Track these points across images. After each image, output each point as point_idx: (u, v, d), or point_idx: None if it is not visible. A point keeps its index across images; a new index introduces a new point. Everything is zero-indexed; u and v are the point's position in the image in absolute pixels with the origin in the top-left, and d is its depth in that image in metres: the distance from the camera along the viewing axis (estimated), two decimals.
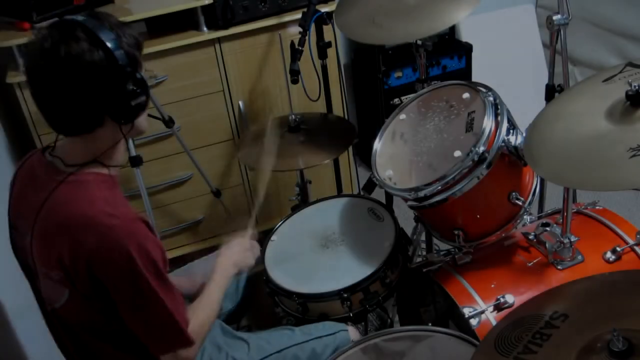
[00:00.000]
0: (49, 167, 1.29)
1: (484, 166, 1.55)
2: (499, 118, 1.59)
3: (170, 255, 2.70)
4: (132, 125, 1.28)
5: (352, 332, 1.63)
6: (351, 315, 1.67)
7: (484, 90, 1.67)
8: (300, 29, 2.11)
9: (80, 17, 1.20)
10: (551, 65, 1.77)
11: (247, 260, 1.60)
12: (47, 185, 1.26)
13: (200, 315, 1.37)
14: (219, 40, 2.45)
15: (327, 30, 2.28)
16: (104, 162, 1.29)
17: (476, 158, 1.54)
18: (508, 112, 1.62)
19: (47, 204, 1.25)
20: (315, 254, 1.81)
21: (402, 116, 1.83)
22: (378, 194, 2.01)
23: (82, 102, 1.20)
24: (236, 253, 1.58)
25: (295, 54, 2.05)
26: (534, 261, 1.67)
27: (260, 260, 1.85)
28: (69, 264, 1.21)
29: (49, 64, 1.17)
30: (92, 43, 1.17)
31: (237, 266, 1.57)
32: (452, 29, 3.18)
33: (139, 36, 1.27)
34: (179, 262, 1.72)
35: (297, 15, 2.42)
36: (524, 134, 1.43)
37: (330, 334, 1.60)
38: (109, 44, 1.18)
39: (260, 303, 1.94)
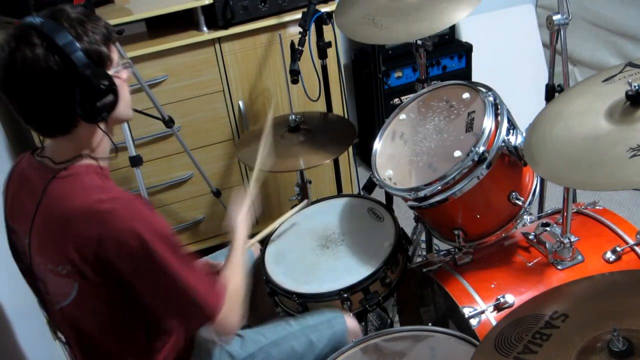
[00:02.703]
0: (40, 168, 1.29)
1: (484, 166, 1.55)
2: (499, 118, 1.59)
3: None
4: (107, 122, 1.27)
5: (349, 320, 1.62)
6: (351, 315, 1.67)
7: (484, 90, 1.67)
8: (300, 29, 2.11)
9: (37, 20, 1.17)
10: (551, 65, 1.77)
11: (251, 222, 1.61)
12: (40, 184, 1.26)
13: (233, 281, 1.37)
14: (219, 40, 2.45)
15: (327, 30, 2.28)
16: (91, 155, 1.29)
17: (476, 158, 1.54)
18: (508, 112, 1.62)
19: (42, 203, 1.25)
20: (315, 254, 1.81)
21: (402, 116, 1.83)
22: (378, 194, 2.01)
23: (47, 107, 1.19)
24: (245, 220, 1.57)
25: (295, 54, 2.05)
26: (534, 261, 1.67)
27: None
28: (75, 256, 1.21)
29: (6, 74, 1.16)
30: (47, 48, 1.14)
31: (248, 229, 1.57)
32: (452, 29, 3.18)
33: (108, 27, 1.24)
34: None
35: (297, 15, 2.42)
36: (524, 134, 1.43)
37: (326, 322, 1.60)
38: (65, 47, 1.14)
39: (260, 303, 1.94)
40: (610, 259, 1.63)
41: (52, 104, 1.18)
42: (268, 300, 1.83)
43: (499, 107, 1.62)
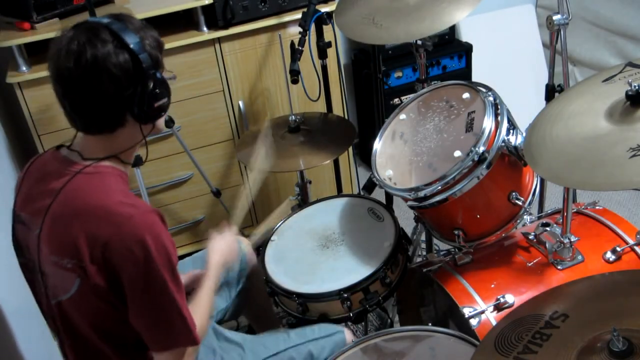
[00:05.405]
0: (65, 161, 1.30)
1: (484, 166, 1.55)
2: (499, 118, 1.59)
3: None
4: (152, 126, 1.31)
5: (349, 334, 1.63)
6: (351, 315, 1.67)
7: (484, 90, 1.67)
8: (300, 29, 2.11)
9: (105, 19, 1.22)
10: (551, 65, 1.77)
11: (233, 258, 1.65)
12: (63, 176, 1.27)
13: (199, 318, 1.37)
14: (219, 40, 2.45)
15: (327, 30, 2.28)
16: (121, 159, 1.31)
17: (476, 158, 1.54)
18: (508, 112, 1.62)
19: (62, 193, 1.25)
20: (315, 254, 1.81)
21: (402, 116, 1.83)
22: (378, 194, 2.01)
23: (106, 103, 1.22)
24: (224, 252, 1.61)
25: (295, 54, 2.05)
26: (534, 261, 1.67)
27: (260, 254, 1.86)
28: (84, 252, 1.21)
29: (76, 66, 1.19)
30: (117, 45, 1.19)
31: (225, 264, 1.61)
32: (452, 29, 3.18)
33: (160, 37, 1.29)
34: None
35: (297, 15, 2.42)
36: (524, 134, 1.43)
37: (327, 336, 1.60)
38: (133, 46, 1.20)
39: (260, 303, 1.94)
40: (610, 259, 1.63)
41: (111, 99, 1.22)
42: (268, 300, 1.83)
43: (499, 107, 1.62)
